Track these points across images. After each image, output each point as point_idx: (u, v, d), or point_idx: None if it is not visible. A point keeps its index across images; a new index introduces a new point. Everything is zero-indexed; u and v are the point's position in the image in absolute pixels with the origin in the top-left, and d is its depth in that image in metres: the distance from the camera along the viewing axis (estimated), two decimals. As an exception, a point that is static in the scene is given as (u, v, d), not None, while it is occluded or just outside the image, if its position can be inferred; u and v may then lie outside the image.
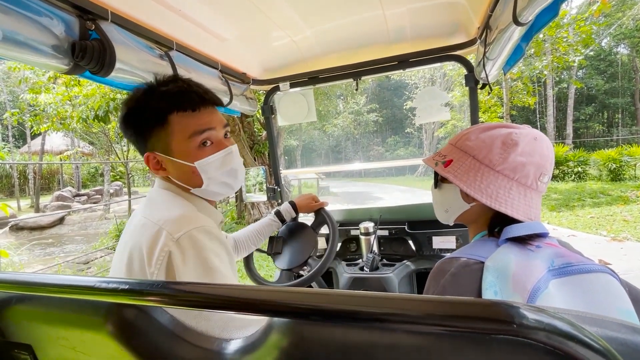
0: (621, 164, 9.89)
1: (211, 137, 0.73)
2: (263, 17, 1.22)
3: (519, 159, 0.63)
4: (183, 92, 0.71)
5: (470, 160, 0.67)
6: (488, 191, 0.64)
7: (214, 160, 0.73)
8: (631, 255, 4.17)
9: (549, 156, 0.64)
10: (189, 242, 0.61)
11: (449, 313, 0.29)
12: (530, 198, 0.63)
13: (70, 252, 7.11)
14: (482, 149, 0.66)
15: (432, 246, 1.58)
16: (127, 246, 0.67)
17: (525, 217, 0.62)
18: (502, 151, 0.64)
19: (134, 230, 0.68)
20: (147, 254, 0.61)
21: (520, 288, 0.53)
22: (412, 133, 28.29)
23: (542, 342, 0.27)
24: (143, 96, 0.71)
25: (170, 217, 0.65)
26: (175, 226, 0.62)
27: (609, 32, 16.65)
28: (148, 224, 0.65)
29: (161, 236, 0.61)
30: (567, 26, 8.15)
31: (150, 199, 0.75)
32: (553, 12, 0.83)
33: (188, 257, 0.60)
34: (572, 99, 17.96)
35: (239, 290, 0.36)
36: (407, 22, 1.35)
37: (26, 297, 0.51)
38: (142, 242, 0.63)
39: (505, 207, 0.62)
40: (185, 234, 0.61)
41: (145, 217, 0.68)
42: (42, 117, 6.74)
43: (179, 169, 0.72)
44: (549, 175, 0.65)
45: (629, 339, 0.31)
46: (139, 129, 0.72)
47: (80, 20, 0.86)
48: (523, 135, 0.64)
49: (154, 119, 0.70)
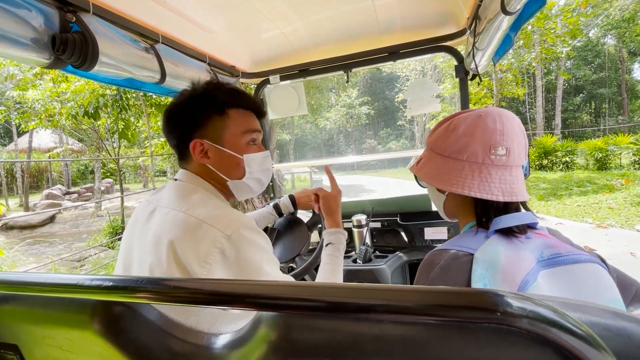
0: (607, 153, 10.08)
1: (257, 138, 0.82)
2: (251, 8, 1.20)
3: (462, 140, 0.64)
4: (243, 92, 0.80)
5: (429, 153, 0.72)
6: (442, 176, 0.66)
7: (258, 158, 0.80)
8: (615, 242, 4.34)
9: (495, 128, 0.63)
10: (240, 238, 0.64)
11: (434, 302, 0.29)
12: (487, 174, 0.63)
13: (62, 251, 7.01)
14: (436, 141, 0.70)
15: (424, 237, 1.59)
16: (162, 241, 0.64)
17: (487, 194, 0.61)
18: (447, 137, 0.67)
19: (173, 225, 0.65)
20: (195, 250, 0.61)
21: (510, 281, 0.54)
22: (403, 125, 28.36)
23: (526, 330, 0.27)
24: (204, 88, 0.77)
25: (216, 214, 0.66)
26: (224, 223, 0.64)
27: (596, 23, 16.80)
28: (190, 220, 0.65)
29: (210, 233, 0.62)
30: (555, 17, 8.21)
31: (180, 193, 0.73)
32: (541, 1, 0.83)
33: (241, 253, 0.63)
34: (560, 90, 18.14)
35: (226, 285, 0.36)
36: (396, 13, 1.34)
37: (11, 297, 0.50)
38: (187, 237, 0.62)
39: (457, 186, 0.63)
40: (236, 231, 0.64)
41: (183, 211, 0.67)
42: (30, 114, 6.58)
43: (226, 159, 0.76)
44: (505, 146, 0.62)
45: (611, 324, 0.31)
46: (193, 116, 0.75)
47: (60, 12, 0.84)
48: (464, 117, 0.66)
49: (213, 109, 0.75)
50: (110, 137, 8.06)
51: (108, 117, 5.77)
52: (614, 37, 21.68)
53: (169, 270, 0.62)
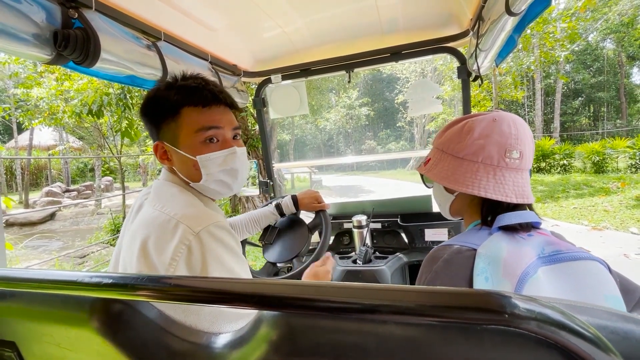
0: (604, 157, 10.18)
1: (217, 135, 0.75)
2: (254, 7, 1.20)
3: (478, 142, 0.65)
4: (198, 88, 0.74)
5: (440, 155, 0.72)
6: (455, 177, 0.67)
7: (215, 158, 0.74)
8: (609, 243, 4.41)
9: (510, 133, 0.64)
10: (208, 236, 0.62)
11: (439, 304, 0.29)
12: (501, 176, 0.64)
13: (64, 247, 7.00)
14: (448, 142, 0.71)
15: (425, 238, 1.59)
16: (136, 238, 0.65)
17: (501, 196, 0.62)
18: (462, 139, 0.68)
19: (146, 222, 0.66)
20: (163, 247, 0.61)
21: (510, 274, 0.54)
22: (403, 127, 28.38)
23: (533, 332, 0.26)
24: (163, 88, 0.74)
25: (188, 212, 0.65)
26: (194, 221, 0.63)
27: (595, 27, 16.85)
28: (162, 217, 0.65)
29: (179, 230, 0.62)
30: (554, 22, 8.23)
31: (158, 191, 0.74)
32: (546, 2, 0.82)
33: (208, 251, 0.61)
34: (559, 93, 18.20)
35: (226, 283, 0.36)
36: (399, 13, 1.34)
37: (9, 293, 0.49)
38: (157, 235, 0.63)
39: (472, 188, 0.64)
40: (205, 229, 0.63)
41: (157, 209, 0.67)
42: (34, 111, 6.62)
43: (182, 161, 0.74)
44: (519, 150, 0.64)
45: (619, 327, 0.31)
46: (153, 118, 0.75)
47: (63, 8, 0.83)
48: (479, 120, 0.67)
49: (167, 110, 0.73)
50: (113, 135, 8.07)
51: (111, 115, 5.79)
52: (613, 41, 21.75)
53: (138, 267, 0.62)
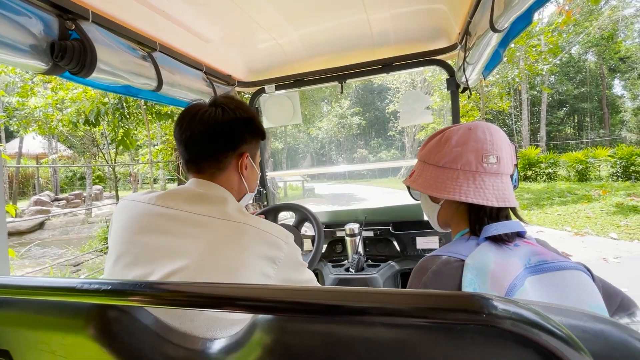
0: (587, 165, 10.51)
1: None
2: (248, 19, 1.23)
3: (456, 150, 0.68)
4: None
5: (423, 166, 0.75)
6: (437, 185, 0.69)
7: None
8: (590, 248, 4.65)
9: (485, 139, 0.67)
10: (294, 245, 0.73)
11: (424, 305, 0.30)
12: (481, 181, 0.66)
13: (55, 256, 6.83)
14: (429, 153, 0.74)
15: (416, 246, 1.61)
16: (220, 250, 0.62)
17: (482, 200, 0.64)
18: (440, 148, 0.71)
19: (229, 235, 0.65)
20: (271, 258, 0.67)
21: (498, 285, 0.56)
22: (394, 136, 28.66)
23: (510, 331, 0.28)
24: (251, 113, 0.84)
25: (268, 224, 0.72)
26: (280, 232, 0.71)
27: (577, 41, 17.46)
28: (251, 230, 0.67)
29: (274, 241, 0.69)
30: (537, 37, 8.55)
31: (219, 201, 0.72)
32: (527, 20, 0.87)
33: (298, 257, 0.73)
34: (544, 104, 18.68)
35: (221, 289, 0.37)
36: (390, 27, 1.39)
37: (3, 301, 0.49)
38: (256, 246, 0.66)
39: (454, 194, 0.66)
40: (288, 238, 0.72)
41: (238, 221, 0.67)
42: (29, 120, 6.60)
43: (253, 176, 0.87)
44: (495, 155, 0.66)
45: (589, 327, 0.33)
46: (248, 133, 0.82)
47: (60, 19, 0.85)
48: (456, 130, 0.71)
49: (259, 133, 0.85)
50: (108, 144, 8.01)
51: (107, 124, 5.79)
52: (595, 54, 22.51)
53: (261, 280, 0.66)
